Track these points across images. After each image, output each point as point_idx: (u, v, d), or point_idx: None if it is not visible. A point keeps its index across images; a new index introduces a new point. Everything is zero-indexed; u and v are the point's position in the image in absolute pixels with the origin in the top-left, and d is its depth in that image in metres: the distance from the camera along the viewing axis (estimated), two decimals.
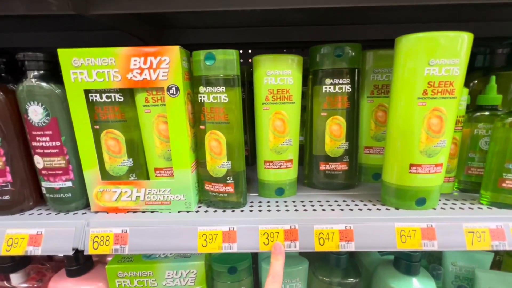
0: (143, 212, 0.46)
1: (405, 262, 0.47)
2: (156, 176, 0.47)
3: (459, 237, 0.41)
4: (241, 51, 0.41)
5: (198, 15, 0.66)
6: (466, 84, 0.50)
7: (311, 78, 0.52)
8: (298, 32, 0.77)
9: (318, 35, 0.77)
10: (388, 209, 0.45)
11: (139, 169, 0.47)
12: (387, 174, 0.45)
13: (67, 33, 0.72)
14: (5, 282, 0.51)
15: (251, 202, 0.49)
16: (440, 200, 0.48)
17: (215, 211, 0.46)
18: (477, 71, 0.57)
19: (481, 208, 0.45)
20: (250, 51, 0.89)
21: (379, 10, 0.62)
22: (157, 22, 0.69)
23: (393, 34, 0.43)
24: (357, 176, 0.56)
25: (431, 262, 0.64)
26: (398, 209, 0.45)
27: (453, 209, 0.45)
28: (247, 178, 0.49)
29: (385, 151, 0.45)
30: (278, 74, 0.45)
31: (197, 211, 0.46)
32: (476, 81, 0.57)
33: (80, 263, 0.49)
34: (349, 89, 0.49)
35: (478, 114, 0.49)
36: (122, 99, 0.43)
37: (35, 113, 0.41)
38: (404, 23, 0.71)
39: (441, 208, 0.45)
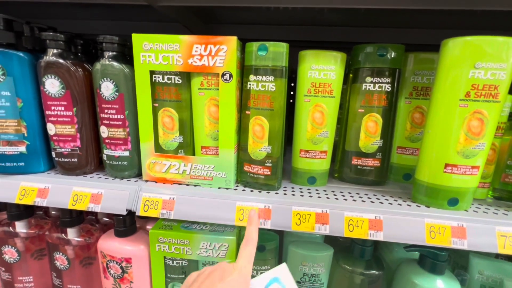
0: (187, 185, 0.51)
1: (431, 260, 0.48)
2: (202, 153, 0.52)
3: (490, 239, 0.41)
4: None
5: (242, 11, 0.70)
6: None
7: (351, 76, 0.54)
8: (337, 32, 0.79)
9: (357, 36, 0.78)
10: (419, 206, 0.46)
11: (187, 146, 0.52)
12: (421, 173, 0.46)
13: (128, 22, 0.80)
14: (62, 235, 0.59)
15: (284, 187, 0.53)
16: (473, 204, 0.48)
17: (251, 191, 0.50)
18: None
19: None
20: None
21: (423, 14, 0.62)
22: (206, 16, 0.74)
23: (434, 39, 0.44)
24: (387, 175, 0.58)
25: (456, 269, 0.63)
26: (429, 207, 0.46)
27: (486, 213, 0.45)
28: None
29: (421, 149, 0.47)
30: (322, 69, 0.48)
31: (235, 189, 0.50)
32: None
33: (127, 225, 0.55)
34: (388, 88, 0.51)
35: None
36: (180, 81, 0.49)
37: (107, 88, 0.48)
38: (447, 28, 0.71)
39: (474, 211, 0.46)
